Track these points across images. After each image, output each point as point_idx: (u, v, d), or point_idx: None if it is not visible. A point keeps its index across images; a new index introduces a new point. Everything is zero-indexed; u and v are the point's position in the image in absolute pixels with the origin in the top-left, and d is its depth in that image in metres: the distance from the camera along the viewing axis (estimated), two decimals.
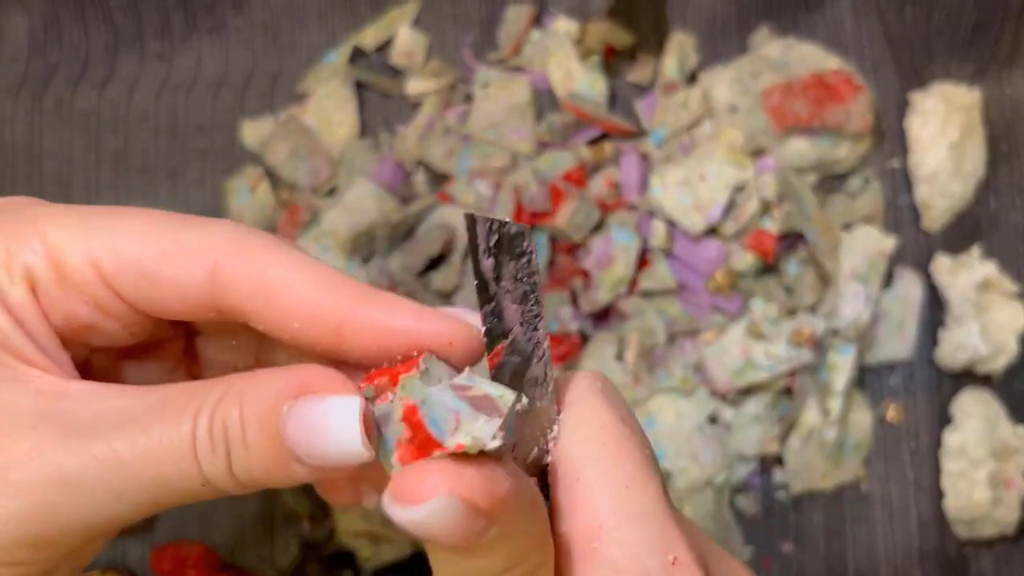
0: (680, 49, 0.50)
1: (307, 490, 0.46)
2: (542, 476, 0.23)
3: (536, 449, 0.23)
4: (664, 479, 0.24)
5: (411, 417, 0.20)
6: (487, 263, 0.21)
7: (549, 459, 0.23)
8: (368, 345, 0.22)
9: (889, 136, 0.50)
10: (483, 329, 0.21)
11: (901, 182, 0.50)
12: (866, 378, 0.48)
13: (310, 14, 0.51)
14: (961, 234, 0.49)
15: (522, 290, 0.22)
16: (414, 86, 0.49)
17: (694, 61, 0.50)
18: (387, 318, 0.22)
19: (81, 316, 0.23)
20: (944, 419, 0.48)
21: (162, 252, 0.23)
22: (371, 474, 0.23)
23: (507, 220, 0.21)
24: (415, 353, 0.22)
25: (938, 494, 0.47)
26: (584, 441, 0.23)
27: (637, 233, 0.46)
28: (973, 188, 0.49)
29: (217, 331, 0.27)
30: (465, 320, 0.23)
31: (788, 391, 0.47)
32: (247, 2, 0.51)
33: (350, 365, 0.23)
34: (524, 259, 0.21)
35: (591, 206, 0.46)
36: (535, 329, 0.22)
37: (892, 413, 0.48)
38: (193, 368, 0.27)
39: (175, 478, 0.21)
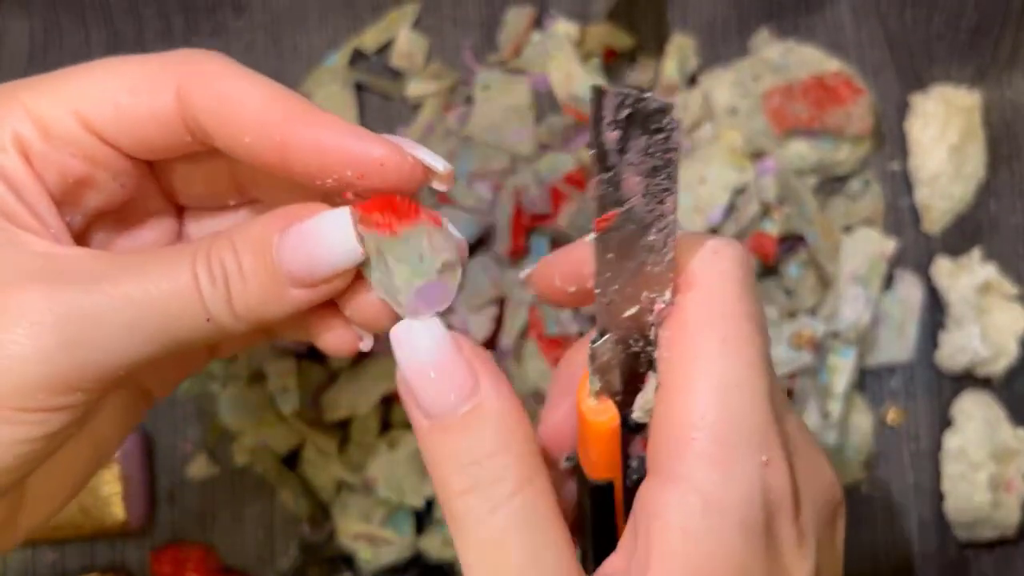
0: (680, 51, 0.50)
1: (307, 492, 0.46)
2: (643, 340, 0.24)
3: (637, 307, 0.23)
4: (774, 373, 0.24)
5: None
6: (610, 135, 0.21)
7: (653, 328, 0.24)
8: (310, 161, 0.23)
9: (889, 138, 0.50)
10: (596, 196, 0.21)
11: (901, 184, 0.50)
12: (866, 380, 0.48)
13: (310, 16, 0.51)
14: (961, 236, 0.49)
15: (652, 164, 0.21)
16: (414, 88, 0.50)
17: (694, 63, 0.50)
18: (328, 135, 0.23)
19: (73, 170, 0.24)
20: (944, 422, 0.48)
21: (131, 85, 0.24)
22: (362, 306, 0.25)
23: (648, 94, 0.21)
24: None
25: (938, 496, 0.47)
26: (706, 329, 0.23)
27: None
28: (973, 190, 0.49)
29: (204, 203, 0.28)
30: (399, 146, 0.24)
31: (789, 393, 0.47)
32: (248, 5, 0.51)
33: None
34: (661, 135, 0.21)
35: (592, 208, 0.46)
36: (661, 203, 0.22)
37: (892, 416, 0.48)
38: None
39: (181, 313, 0.23)
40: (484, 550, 0.22)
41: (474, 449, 0.22)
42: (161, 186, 0.27)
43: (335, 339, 0.26)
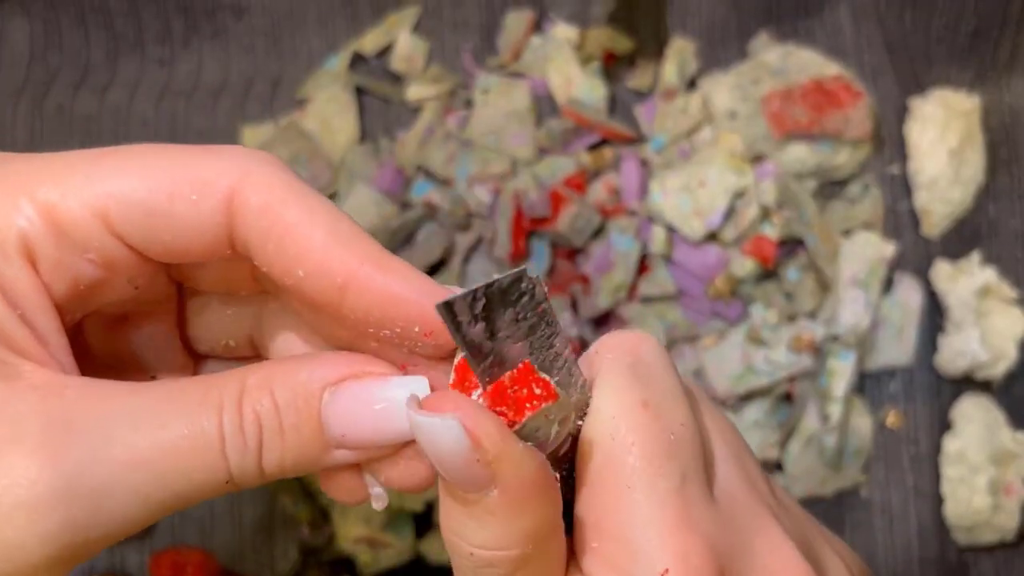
0: (680, 55, 0.50)
1: (307, 496, 0.46)
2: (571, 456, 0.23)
3: (568, 440, 0.23)
4: (705, 454, 0.23)
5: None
6: (474, 331, 0.20)
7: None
8: (370, 308, 0.21)
9: (889, 142, 0.50)
10: (485, 381, 0.21)
11: (901, 188, 0.50)
12: (866, 384, 0.48)
13: (310, 20, 0.51)
14: (961, 240, 0.49)
15: (527, 325, 0.21)
16: (414, 92, 0.50)
17: (694, 67, 0.50)
18: (398, 285, 0.21)
19: (85, 276, 0.21)
20: (944, 425, 0.48)
21: (173, 188, 0.21)
22: (400, 467, 0.23)
23: (495, 277, 0.21)
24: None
25: (938, 500, 0.47)
26: (595, 431, 0.22)
27: (637, 239, 0.46)
28: (973, 194, 0.49)
29: (213, 290, 0.25)
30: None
31: (788, 397, 0.47)
32: (248, 8, 0.51)
33: (345, 333, 0.22)
34: (525, 297, 0.21)
35: (591, 212, 0.46)
36: (550, 348, 0.22)
37: (892, 419, 0.48)
38: (185, 340, 0.26)
39: (200, 475, 0.20)
40: None
41: (473, 533, 0.21)
42: (170, 274, 0.24)
43: (342, 489, 0.24)
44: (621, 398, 0.22)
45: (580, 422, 0.23)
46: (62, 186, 0.20)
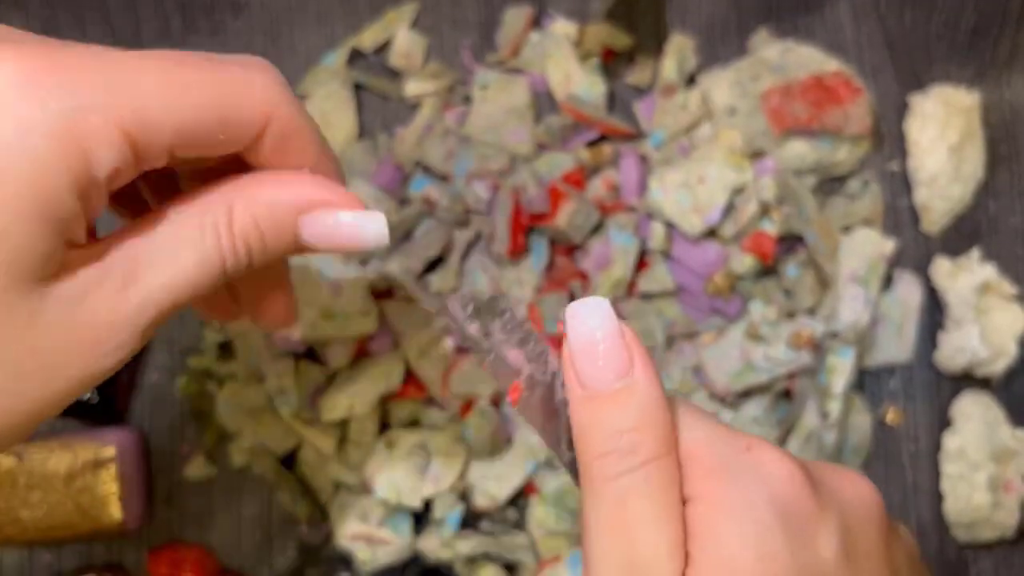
0: (679, 51, 0.49)
1: (305, 493, 0.46)
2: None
3: (570, 452, 0.26)
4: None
5: None
6: (471, 327, 0.25)
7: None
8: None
9: (888, 139, 0.50)
10: (494, 375, 0.25)
11: (900, 185, 0.50)
12: (865, 381, 0.48)
13: (309, 16, 0.51)
14: (960, 237, 0.49)
15: (518, 336, 0.25)
16: (413, 88, 0.49)
17: (693, 63, 0.50)
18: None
19: (119, 182, 0.24)
20: (943, 422, 0.48)
21: (214, 121, 0.25)
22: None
23: (476, 294, 0.26)
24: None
25: (937, 497, 0.47)
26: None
27: (636, 235, 0.46)
28: (972, 191, 0.49)
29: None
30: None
31: (787, 394, 0.47)
32: (246, 4, 0.51)
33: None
34: (506, 314, 0.25)
35: (590, 208, 0.46)
36: (547, 363, 0.26)
37: (891, 416, 0.48)
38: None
39: (206, 281, 0.25)
40: (607, 506, 0.24)
41: (618, 421, 0.24)
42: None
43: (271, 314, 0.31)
44: (740, 557, 0.25)
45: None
46: (138, 102, 0.24)
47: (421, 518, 0.46)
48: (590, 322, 0.24)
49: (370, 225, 0.27)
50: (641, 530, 0.24)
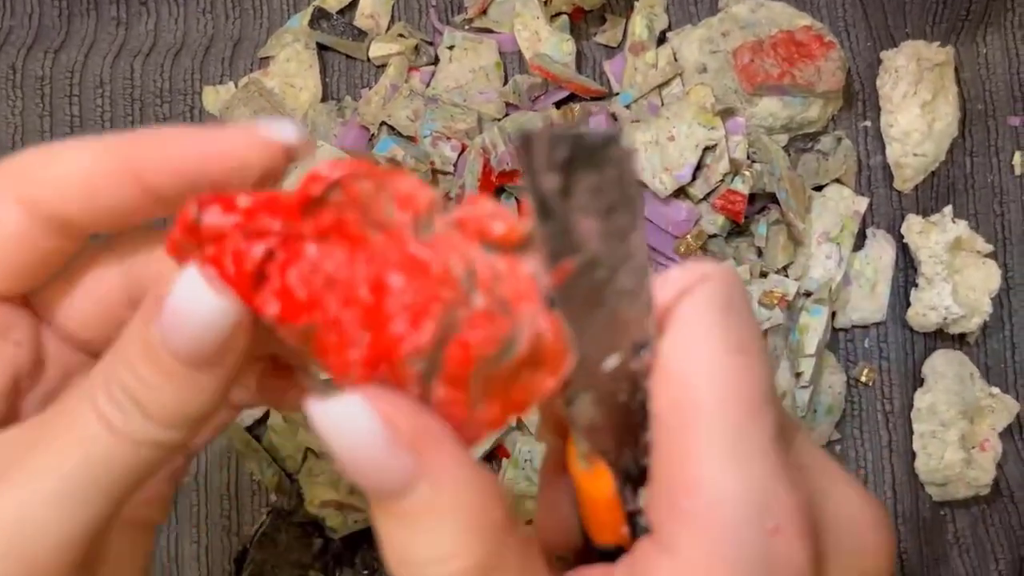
0: (649, 9, 0.49)
1: (272, 461, 0.45)
2: (633, 390, 0.21)
3: (618, 358, 0.20)
4: (780, 409, 0.20)
5: None
6: (548, 181, 0.18)
7: (642, 378, 0.21)
8: (171, 184, 0.21)
9: (861, 96, 0.49)
10: (544, 248, 0.19)
11: (874, 142, 0.49)
12: (838, 340, 0.48)
13: None
14: (934, 194, 0.49)
15: (607, 203, 0.19)
16: (378, 49, 0.48)
17: (663, 21, 0.49)
18: (175, 148, 0.21)
19: None
20: (917, 380, 0.48)
21: None
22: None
23: (587, 129, 0.18)
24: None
25: (911, 456, 0.47)
26: (689, 377, 0.19)
27: None
28: (946, 148, 0.48)
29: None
30: (260, 133, 0.22)
31: None
32: None
33: None
34: (611, 169, 0.18)
35: None
36: (624, 241, 0.19)
37: (865, 375, 0.48)
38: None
39: (109, 459, 0.20)
40: None
41: (421, 549, 0.19)
42: (55, 325, 0.25)
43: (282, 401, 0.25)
44: (718, 341, 0.20)
45: (646, 349, 0.20)
46: None
47: None
48: (344, 434, 0.18)
49: (184, 286, 0.20)
50: None
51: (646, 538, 0.20)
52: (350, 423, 0.18)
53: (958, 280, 0.47)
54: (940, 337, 0.48)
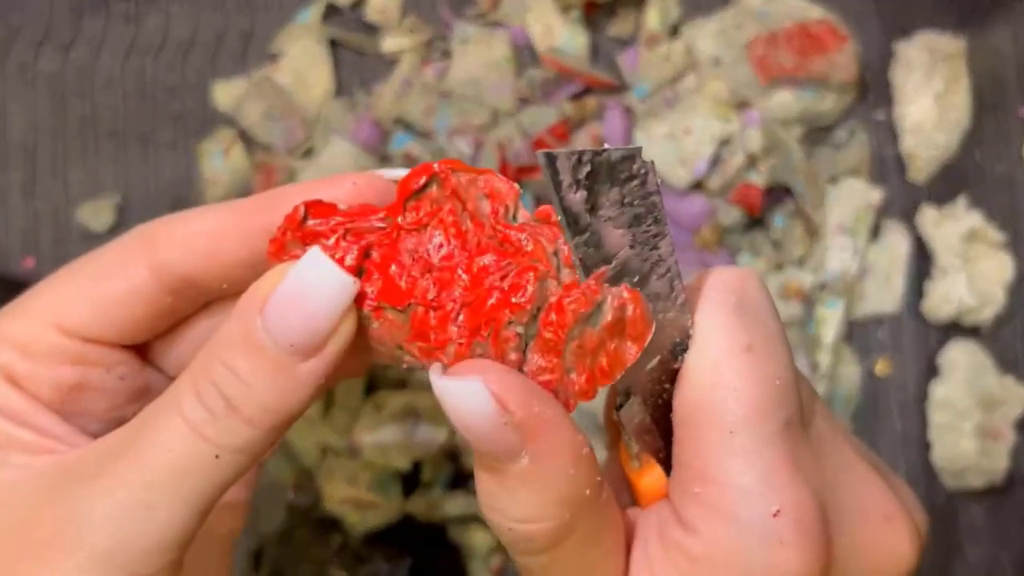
0: (662, 1, 0.49)
1: (290, 457, 0.45)
2: (673, 393, 0.22)
3: (657, 359, 0.22)
4: (801, 398, 0.22)
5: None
6: (574, 197, 0.19)
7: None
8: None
9: (874, 87, 0.49)
10: (577, 261, 0.20)
11: (887, 134, 0.49)
12: (854, 332, 0.48)
13: None
14: (948, 185, 0.49)
15: (633, 213, 0.20)
16: (390, 43, 0.48)
17: (676, 14, 0.49)
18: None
19: (65, 378, 0.24)
20: (931, 371, 0.48)
21: (99, 274, 0.24)
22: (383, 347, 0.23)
23: (606, 148, 0.20)
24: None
25: (926, 446, 0.47)
26: (697, 374, 0.21)
27: None
28: (959, 139, 0.49)
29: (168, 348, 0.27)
30: (367, 175, 0.23)
31: None
32: None
33: None
34: (635, 182, 0.20)
35: None
36: (655, 248, 0.21)
37: (880, 366, 0.48)
38: None
39: (191, 466, 0.21)
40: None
41: (511, 507, 0.21)
42: (158, 366, 0.27)
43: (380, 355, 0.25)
44: (726, 341, 0.21)
45: (681, 356, 0.22)
46: (19, 316, 0.24)
47: (410, 480, 0.46)
48: (461, 408, 0.20)
49: (310, 265, 0.21)
50: None
51: (672, 517, 0.22)
52: (468, 400, 0.20)
53: (972, 271, 0.47)
54: (954, 328, 0.48)
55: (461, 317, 0.20)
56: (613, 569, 0.22)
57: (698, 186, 0.46)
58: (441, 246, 0.20)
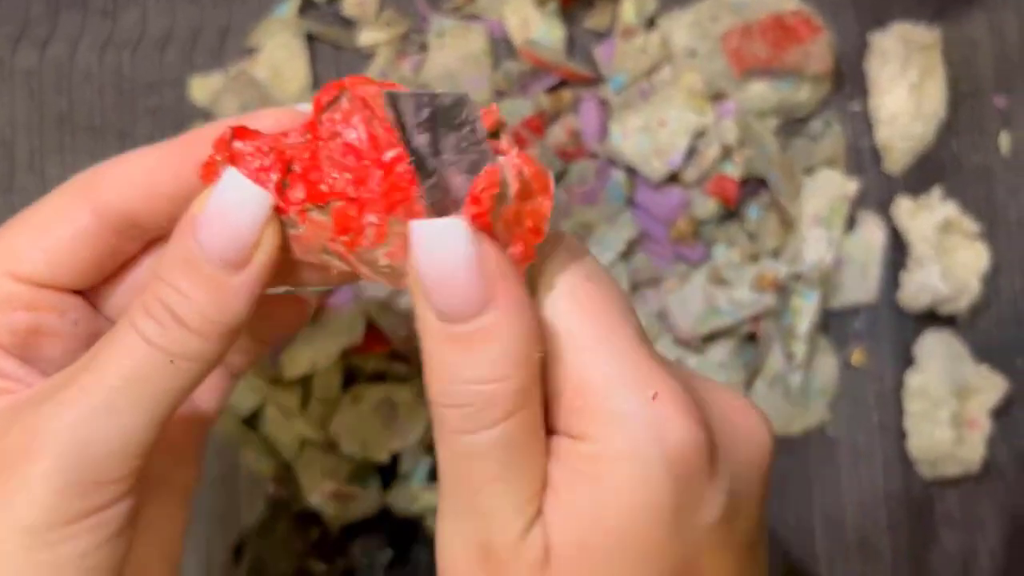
0: None
1: (270, 451, 0.46)
2: None
3: None
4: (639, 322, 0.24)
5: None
6: (420, 138, 0.21)
7: None
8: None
9: (849, 79, 0.49)
10: (428, 205, 0.21)
11: (862, 125, 0.49)
12: (830, 322, 0.48)
13: None
14: (923, 176, 0.49)
15: (469, 160, 0.21)
16: (367, 37, 0.48)
17: (653, 6, 0.49)
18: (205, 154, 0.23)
19: (19, 323, 0.25)
20: (908, 361, 0.48)
21: (44, 222, 0.25)
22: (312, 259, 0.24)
23: (439, 92, 0.21)
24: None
25: (902, 435, 0.48)
26: (551, 309, 0.23)
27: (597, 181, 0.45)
28: (934, 129, 0.49)
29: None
30: (286, 111, 0.25)
31: (752, 337, 0.47)
32: None
33: None
34: (466, 128, 0.21)
35: (551, 155, 0.45)
36: None
37: (857, 357, 0.48)
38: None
39: (144, 368, 0.22)
40: (456, 461, 0.23)
41: (472, 370, 0.21)
42: (108, 316, 0.28)
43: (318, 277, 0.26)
44: (568, 275, 0.23)
45: None
46: None
47: (389, 472, 0.46)
48: (438, 250, 0.21)
49: (227, 185, 0.24)
50: (489, 494, 0.22)
51: (564, 439, 0.23)
52: (448, 241, 0.21)
53: (948, 261, 0.47)
54: (930, 318, 0.48)
55: (381, 201, 0.21)
56: (539, 470, 0.23)
57: (673, 178, 0.46)
58: (355, 148, 0.22)
